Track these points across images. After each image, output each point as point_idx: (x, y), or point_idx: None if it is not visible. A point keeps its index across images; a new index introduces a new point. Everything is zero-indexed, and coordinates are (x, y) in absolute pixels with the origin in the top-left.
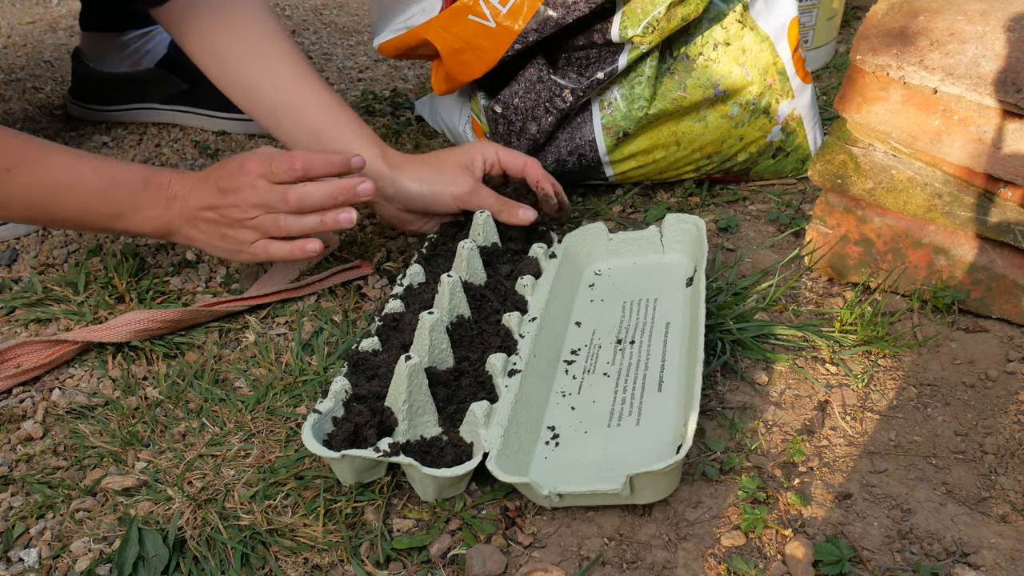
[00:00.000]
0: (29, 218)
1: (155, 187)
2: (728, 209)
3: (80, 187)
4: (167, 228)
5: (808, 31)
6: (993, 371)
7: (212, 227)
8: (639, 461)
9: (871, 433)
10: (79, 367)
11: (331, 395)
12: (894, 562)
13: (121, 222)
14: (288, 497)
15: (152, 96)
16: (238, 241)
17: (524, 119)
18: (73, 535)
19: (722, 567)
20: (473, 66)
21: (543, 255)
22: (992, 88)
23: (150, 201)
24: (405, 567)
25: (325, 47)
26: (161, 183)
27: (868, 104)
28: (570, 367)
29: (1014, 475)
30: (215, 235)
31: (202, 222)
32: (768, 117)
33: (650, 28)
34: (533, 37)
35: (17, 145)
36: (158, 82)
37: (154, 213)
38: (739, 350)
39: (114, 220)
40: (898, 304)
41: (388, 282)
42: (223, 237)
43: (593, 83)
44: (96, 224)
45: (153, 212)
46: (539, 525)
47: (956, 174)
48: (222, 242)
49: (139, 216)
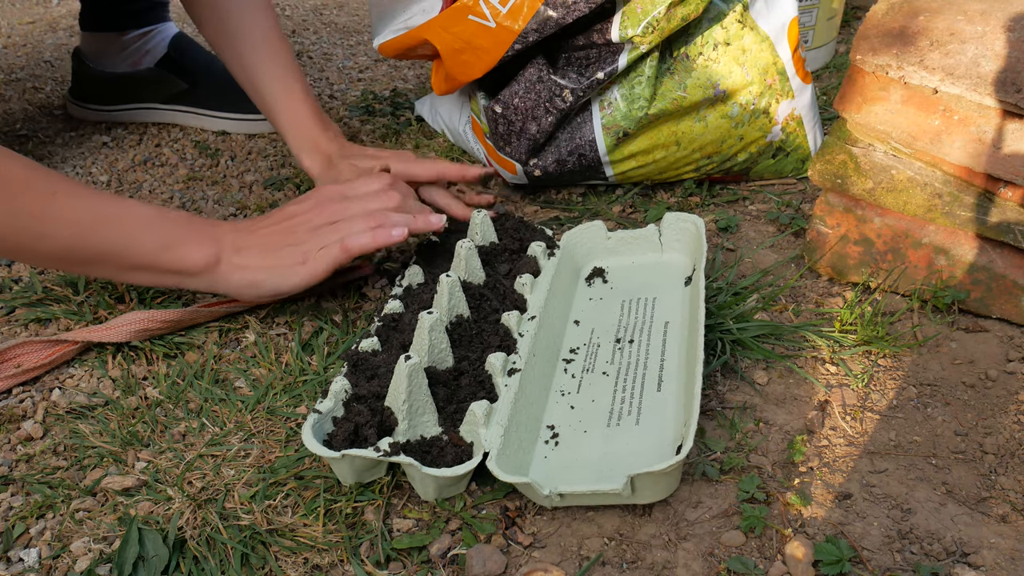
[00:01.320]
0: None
1: (201, 222)
2: (728, 209)
3: (126, 216)
4: (215, 258)
5: (808, 31)
6: (993, 371)
7: (272, 242)
8: (639, 461)
9: (871, 433)
10: (79, 367)
11: (331, 395)
12: (894, 562)
13: (167, 254)
14: (288, 497)
15: (152, 96)
16: (302, 252)
17: (524, 119)
18: (73, 535)
19: (722, 567)
20: (473, 66)
21: (541, 254)
22: (992, 88)
23: (197, 232)
24: (405, 567)
25: (325, 47)
26: (207, 220)
27: (868, 104)
28: (569, 366)
29: (1014, 475)
30: (272, 253)
31: (259, 241)
32: (768, 117)
33: (650, 28)
34: (533, 37)
35: (60, 176)
36: (158, 82)
37: (203, 242)
38: (739, 350)
39: (159, 252)
40: (898, 304)
41: (388, 282)
42: (281, 253)
43: (593, 83)
44: (138, 258)
45: (202, 242)
46: (539, 525)
47: (956, 174)
48: (278, 259)
49: (187, 247)
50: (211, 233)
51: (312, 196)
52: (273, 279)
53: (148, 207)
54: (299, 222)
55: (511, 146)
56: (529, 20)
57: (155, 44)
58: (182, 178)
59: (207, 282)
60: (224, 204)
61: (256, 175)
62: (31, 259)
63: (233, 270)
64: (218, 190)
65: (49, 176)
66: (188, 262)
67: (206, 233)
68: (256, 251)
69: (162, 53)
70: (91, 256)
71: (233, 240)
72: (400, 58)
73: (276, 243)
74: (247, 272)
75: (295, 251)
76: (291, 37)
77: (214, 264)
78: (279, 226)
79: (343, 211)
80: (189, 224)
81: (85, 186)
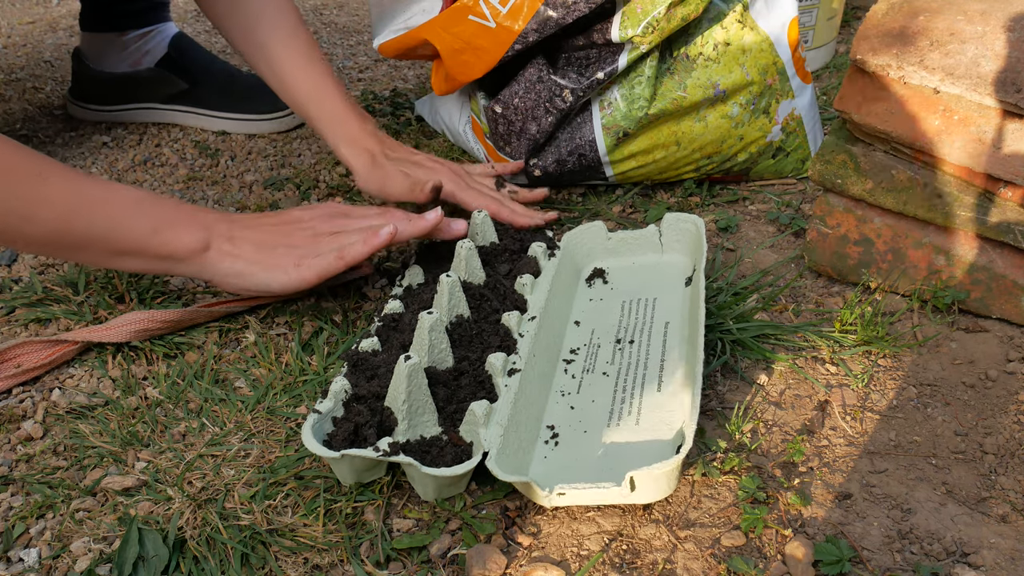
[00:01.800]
0: (55, 233)
1: (190, 207)
2: (728, 209)
3: (115, 199)
4: (204, 243)
5: (808, 31)
6: (993, 371)
7: (268, 239)
8: (639, 461)
9: (871, 433)
10: (79, 367)
11: (331, 395)
12: (894, 562)
13: (156, 238)
14: (288, 497)
15: (152, 96)
16: (298, 255)
17: (524, 119)
18: (73, 535)
19: (722, 567)
20: (473, 66)
21: (542, 254)
22: (992, 88)
23: (188, 216)
24: (405, 567)
25: (325, 47)
26: (196, 207)
27: (868, 104)
28: (569, 366)
29: (1014, 475)
30: (267, 250)
31: (255, 236)
32: (768, 117)
33: (650, 28)
34: (533, 37)
35: (48, 159)
36: (158, 82)
37: (193, 227)
38: (739, 350)
39: (149, 236)
40: (898, 304)
41: (388, 282)
42: (276, 251)
43: (593, 83)
44: (127, 242)
45: (192, 225)
46: (539, 525)
47: (956, 174)
48: (271, 257)
49: (176, 230)
50: (201, 219)
51: (321, 207)
52: (262, 274)
53: (137, 191)
54: (301, 227)
55: (511, 146)
56: (529, 20)
57: (155, 44)
58: (182, 178)
59: (196, 267)
60: (224, 204)
61: (256, 175)
62: (19, 243)
63: (223, 256)
64: (218, 190)
65: (37, 159)
66: (177, 245)
67: (196, 218)
68: (251, 244)
69: (162, 53)
70: (79, 240)
71: (228, 229)
72: (400, 58)
73: (273, 241)
74: (237, 262)
75: (291, 252)
76: None
77: (203, 249)
78: (279, 227)
79: (346, 226)
80: (178, 208)
81: (74, 170)
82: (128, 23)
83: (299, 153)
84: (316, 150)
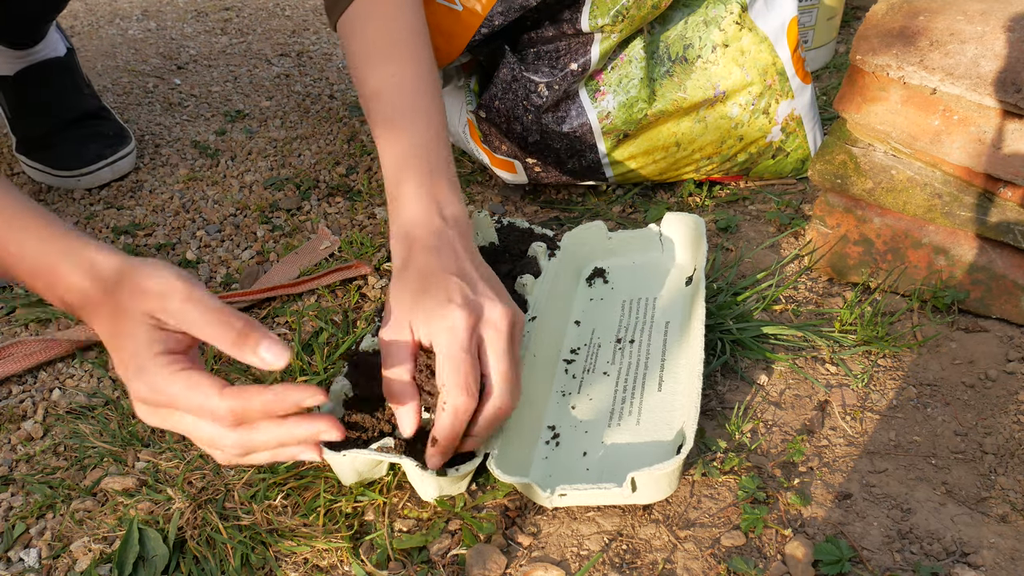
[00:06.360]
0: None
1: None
2: (728, 209)
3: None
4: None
5: (808, 31)
6: (993, 371)
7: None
8: (639, 461)
9: (871, 433)
10: (79, 367)
11: (331, 395)
12: (894, 562)
13: (37, 282)
14: (288, 497)
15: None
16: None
17: (508, 120)
18: (73, 535)
19: (722, 567)
20: (443, 51)
21: (542, 254)
22: (992, 88)
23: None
24: (405, 567)
25: (325, 47)
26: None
27: (868, 104)
28: (570, 366)
29: (1014, 475)
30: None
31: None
32: (768, 117)
33: (620, 16)
34: (499, 20)
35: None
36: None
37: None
38: (739, 350)
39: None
40: (898, 304)
41: (388, 282)
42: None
43: (568, 75)
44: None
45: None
46: (539, 525)
47: (956, 174)
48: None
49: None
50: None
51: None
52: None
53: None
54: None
55: (505, 145)
56: (495, 3)
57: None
58: (182, 178)
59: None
60: (224, 204)
61: (256, 175)
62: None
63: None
64: (218, 190)
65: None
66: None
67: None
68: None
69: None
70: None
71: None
72: None
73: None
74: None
75: (146, 411)
76: (291, 37)
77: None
78: (154, 401)
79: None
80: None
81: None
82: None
83: (299, 153)
84: (316, 150)
